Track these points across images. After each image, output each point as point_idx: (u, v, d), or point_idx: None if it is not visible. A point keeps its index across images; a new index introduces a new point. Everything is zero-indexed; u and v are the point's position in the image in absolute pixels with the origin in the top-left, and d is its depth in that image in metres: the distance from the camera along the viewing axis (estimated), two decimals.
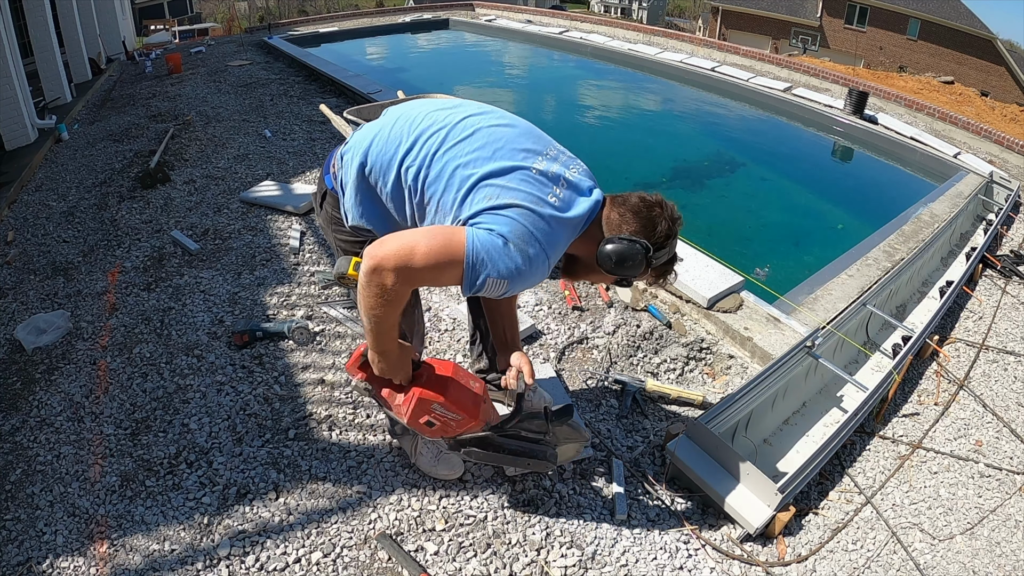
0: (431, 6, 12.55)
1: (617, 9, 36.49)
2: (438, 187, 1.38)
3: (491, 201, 1.31)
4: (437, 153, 1.39)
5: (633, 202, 1.40)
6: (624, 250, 1.36)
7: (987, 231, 3.91)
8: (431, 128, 1.43)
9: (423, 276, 1.26)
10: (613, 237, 1.38)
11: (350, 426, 2.13)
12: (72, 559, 1.66)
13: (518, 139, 1.42)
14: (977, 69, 21.55)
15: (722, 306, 2.78)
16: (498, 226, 1.28)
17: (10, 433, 2.07)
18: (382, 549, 1.71)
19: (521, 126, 1.49)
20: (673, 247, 1.44)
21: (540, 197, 1.33)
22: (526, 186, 1.33)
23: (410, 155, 1.41)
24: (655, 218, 1.38)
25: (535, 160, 1.38)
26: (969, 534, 1.96)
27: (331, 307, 2.75)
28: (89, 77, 7.23)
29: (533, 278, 1.33)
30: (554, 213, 1.33)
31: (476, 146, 1.38)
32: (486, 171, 1.34)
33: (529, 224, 1.29)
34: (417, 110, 1.50)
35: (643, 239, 1.37)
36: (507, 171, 1.34)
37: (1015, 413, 2.52)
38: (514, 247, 1.27)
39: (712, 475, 1.90)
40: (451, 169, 1.37)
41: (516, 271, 1.28)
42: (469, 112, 1.48)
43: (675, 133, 6.93)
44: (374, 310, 1.28)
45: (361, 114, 3.24)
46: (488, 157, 1.36)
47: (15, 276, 3.01)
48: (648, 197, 1.41)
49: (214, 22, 23.22)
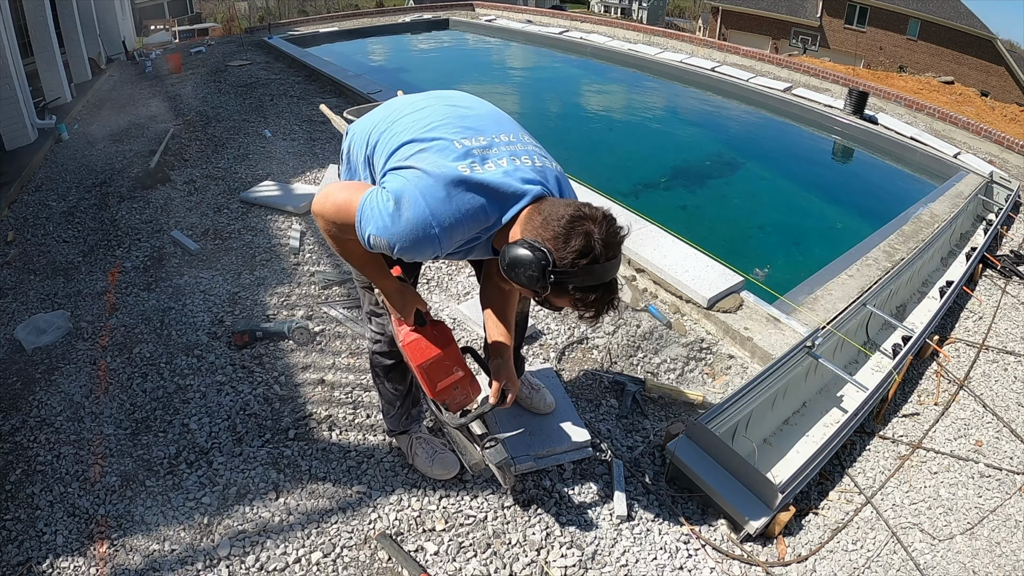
0: (431, 6, 12.54)
1: (617, 9, 36.47)
2: (379, 153, 1.39)
3: (398, 161, 1.29)
4: (390, 127, 1.40)
5: (561, 210, 1.17)
6: (519, 255, 1.15)
7: (987, 231, 3.91)
8: (398, 109, 1.46)
9: (335, 226, 1.33)
10: (522, 239, 1.18)
11: (350, 426, 2.13)
12: (72, 559, 1.66)
13: (469, 119, 1.36)
14: (977, 69, 21.54)
15: (722, 306, 2.78)
16: (390, 184, 1.25)
17: (10, 433, 2.07)
18: (382, 549, 1.71)
19: (483, 111, 1.43)
20: (592, 276, 1.16)
21: (448, 165, 1.23)
22: (437, 154, 1.25)
23: (375, 129, 1.44)
24: (574, 232, 1.14)
25: (471, 137, 1.30)
26: (969, 534, 1.96)
27: (331, 307, 2.75)
28: (89, 77, 7.23)
29: (420, 244, 1.22)
30: (457, 181, 1.21)
31: (420, 119, 1.37)
32: (411, 137, 1.32)
33: (419, 188, 1.21)
34: (404, 98, 1.54)
35: (548, 249, 1.15)
36: (431, 139, 1.29)
37: (1015, 413, 2.52)
38: (398, 207, 1.21)
39: (712, 475, 1.90)
40: (388, 137, 1.37)
41: (396, 231, 1.21)
42: (439, 96, 1.48)
43: (675, 133, 6.93)
44: (334, 247, 1.41)
45: (361, 114, 3.24)
46: (423, 127, 1.33)
47: (15, 276, 3.01)
48: (585, 210, 1.17)
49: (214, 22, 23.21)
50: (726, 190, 5.41)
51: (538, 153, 1.38)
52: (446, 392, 1.57)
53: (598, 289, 1.19)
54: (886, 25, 23.16)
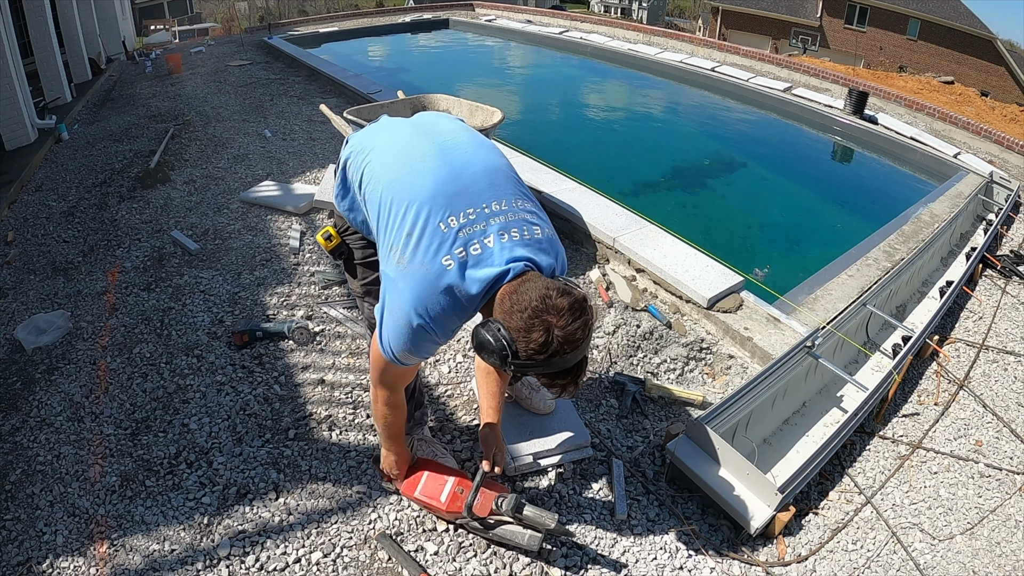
0: (431, 6, 12.55)
1: (617, 9, 36.46)
2: (371, 214, 1.43)
3: (391, 259, 1.33)
4: (379, 178, 1.41)
5: (528, 296, 1.18)
6: (483, 340, 1.20)
7: (987, 231, 3.91)
8: (392, 148, 1.47)
9: (381, 379, 1.49)
10: (490, 321, 1.22)
11: (350, 426, 2.13)
12: (72, 559, 1.66)
13: (463, 180, 1.34)
14: (977, 69, 21.54)
15: (722, 306, 2.78)
16: (387, 298, 1.34)
17: (10, 433, 2.07)
18: (382, 549, 1.71)
19: (479, 167, 1.38)
20: (551, 367, 1.20)
21: (432, 260, 1.26)
22: (424, 252, 1.27)
23: (368, 168, 1.46)
24: (534, 327, 1.16)
25: (454, 213, 1.29)
26: (969, 534, 1.96)
27: (331, 307, 2.75)
28: (89, 77, 7.23)
29: (428, 341, 1.34)
30: (439, 278, 1.26)
31: (412, 183, 1.34)
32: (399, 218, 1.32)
33: (408, 294, 1.28)
34: (406, 125, 1.56)
35: (511, 340, 1.18)
36: (419, 227, 1.29)
37: (1015, 413, 2.52)
38: (396, 319, 1.32)
39: (712, 475, 1.90)
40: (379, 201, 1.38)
41: (405, 341, 1.33)
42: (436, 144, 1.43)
43: (675, 133, 6.93)
44: (381, 414, 1.63)
45: (361, 114, 3.23)
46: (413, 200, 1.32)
47: (15, 276, 3.01)
48: (551, 298, 1.17)
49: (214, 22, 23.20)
50: (726, 190, 5.41)
51: (527, 220, 1.35)
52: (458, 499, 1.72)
53: (560, 375, 1.23)
54: (886, 25, 23.16)
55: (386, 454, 1.77)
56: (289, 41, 8.81)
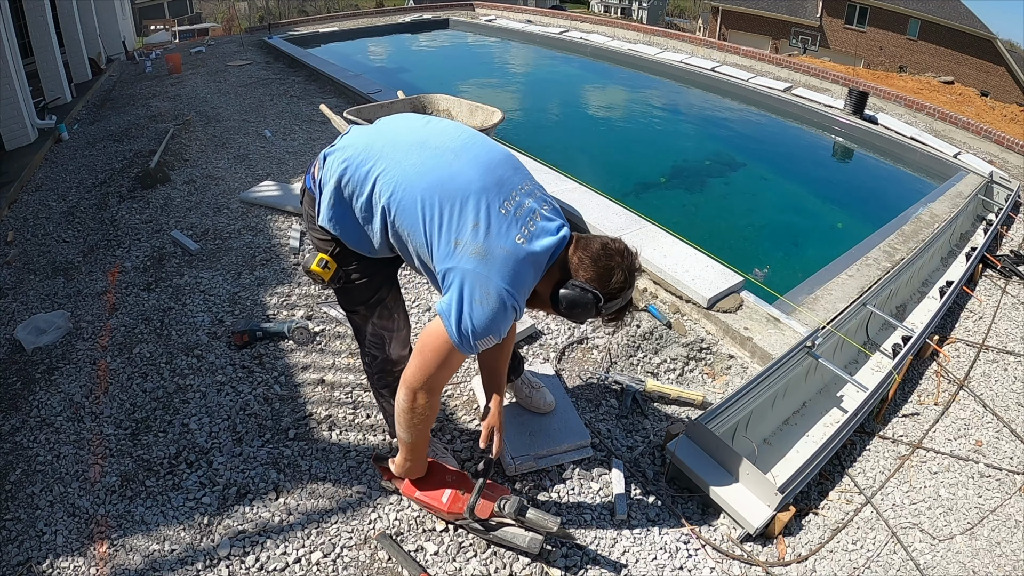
0: (431, 6, 12.55)
1: (617, 9, 36.46)
2: (408, 223, 1.43)
3: (461, 253, 1.36)
4: (410, 184, 1.42)
5: (595, 248, 1.43)
6: (576, 297, 1.41)
7: (987, 231, 3.91)
8: (409, 153, 1.46)
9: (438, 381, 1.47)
10: (568, 282, 1.42)
11: (350, 426, 2.13)
12: (72, 559, 1.66)
13: (497, 171, 1.45)
14: (977, 69, 21.54)
15: (722, 306, 2.78)
16: (467, 288, 1.36)
17: (10, 433, 2.07)
18: (382, 549, 1.71)
19: (498, 157, 1.50)
20: (627, 297, 1.47)
21: (508, 240, 1.38)
22: (495, 232, 1.37)
23: (382, 178, 1.45)
24: (612, 268, 1.41)
25: (506, 198, 1.41)
26: (969, 534, 1.96)
27: (331, 307, 2.75)
28: (89, 77, 7.23)
29: (510, 319, 1.40)
30: (520, 254, 1.38)
31: (457, 189, 1.39)
32: (455, 216, 1.38)
33: (496, 276, 1.35)
34: (403, 131, 1.54)
35: (596, 288, 1.41)
36: (477, 213, 1.37)
37: (1015, 413, 2.52)
38: (487, 303, 1.35)
39: (712, 475, 1.90)
40: (421, 206, 1.40)
41: (495, 323, 1.37)
42: (455, 150, 1.47)
43: (675, 133, 6.93)
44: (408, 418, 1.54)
45: (361, 114, 3.24)
46: (459, 192, 1.39)
47: (15, 276, 3.01)
48: (611, 245, 1.44)
49: (214, 22, 23.20)
50: (726, 190, 5.41)
51: (544, 194, 1.54)
52: (459, 500, 1.71)
53: (629, 303, 1.50)
54: (886, 25, 23.15)
55: (406, 462, 1.70)
56: (289, 41, 8.81)
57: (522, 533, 1.67)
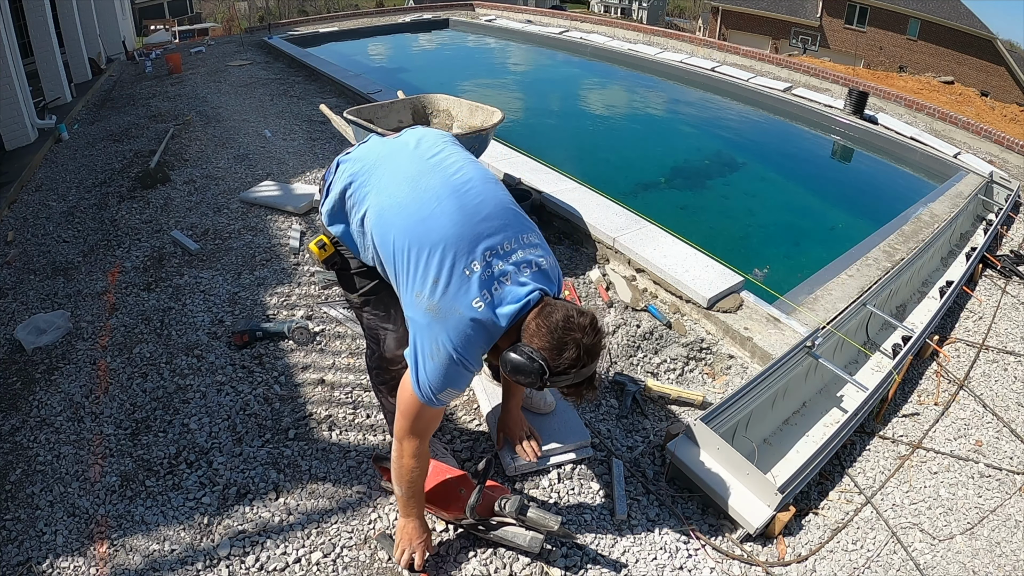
0: (431, 6, 12.55)
1: (617, 9, 36.46)
2: (384, 256, 1.49)
3: (419, 306, 1.39)
4: (390, 220, 1.46)
5: (555, 319, 1.34)
6: (521, 364, 1.33)
7: (987, 231, 3.91)
8: (400, 187, 1.48)
9: (410, 426, 1.49)
10: (519, 346, 1.35)
11: (350, 426, 2.13)
12: (72, 559, 1.66)
13: (480, 216, 1.43)
14: (977, 69, 21.54)
15: (722, 306, 2.78)
16: (419, 342, 1.39)
17: (10, 433, 2.07)
18: (382, 549, 1.71)
19: (487, 209, 1.46)
20: (581, 376, 1.37)
21: (463, 303, 1.36)
22: (452, 293, 1.36)
23: (373, 207, 1.50)
24: (566, 343, 1.32)
25: (475, 259, 1.38)
26: (969, 534, 1.96)
27: (331, 307, 2.75)
28: (89, 77, 7.24)
29: (465, 375, 1.42)
30: (473, 317, 1.35)
31: (431, 228, 1.40)
32: (420, 265, 1.39)
33: (444, 335, 1.36)
34: (406, 161, 1.55)
35: (546, 359, 1.32)
36: (440, 268, 1.37)
37: (1015, 413, 2.52)
38: (437, 359, 1.37)
39: (712, 475, 1.90)
40: (393, 245, 1.44)
41: (448, 379, 1.39)
42: (448, 184, 1.47)
43: (675, 133, 6.93)
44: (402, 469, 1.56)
45: (361, 114, 3.24)
46: (428, 241, 1.39)
47: (15, 276, 3.01)
48: (574, 319, 1.34)
49: (214, 22, 23.21)
50: (726, 190, 5.41)
51: (535, 253, 1.47)
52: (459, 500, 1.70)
53: (584, 383, 1.40)
54: (886, 25, 23.15)
55: (405, 523, 1.64)
56: (289, 41, 8.81)
57: (523, 532, 1.67)
